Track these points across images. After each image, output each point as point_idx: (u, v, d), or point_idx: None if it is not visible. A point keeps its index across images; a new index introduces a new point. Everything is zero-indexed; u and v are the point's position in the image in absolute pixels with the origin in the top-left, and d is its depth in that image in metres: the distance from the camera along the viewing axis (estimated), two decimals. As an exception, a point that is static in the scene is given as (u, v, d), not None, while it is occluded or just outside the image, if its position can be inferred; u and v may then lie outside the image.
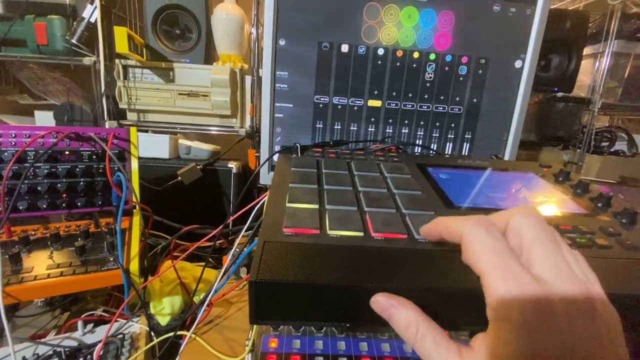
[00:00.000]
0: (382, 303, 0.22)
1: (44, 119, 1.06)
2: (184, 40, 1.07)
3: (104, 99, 0.97)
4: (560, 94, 1.11)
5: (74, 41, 0.95)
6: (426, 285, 0.25)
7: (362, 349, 0.40)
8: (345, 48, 0.57)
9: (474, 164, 0.47)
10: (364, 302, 0.24)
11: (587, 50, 1.22)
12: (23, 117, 1.13)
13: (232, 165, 0.95)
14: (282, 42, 0.55)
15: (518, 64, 0.60)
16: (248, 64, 1.07)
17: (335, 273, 0.24)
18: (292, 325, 0.42)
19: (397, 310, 0.22)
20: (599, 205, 0.38)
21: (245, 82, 1.03)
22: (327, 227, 0.29)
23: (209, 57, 1.09)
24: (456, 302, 0.25)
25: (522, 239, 0.21)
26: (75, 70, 1.06)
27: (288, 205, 0.32)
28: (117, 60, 0.98)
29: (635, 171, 1.13)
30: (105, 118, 0.99)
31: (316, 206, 0.32)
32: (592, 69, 1.18)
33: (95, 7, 0.93)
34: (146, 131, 1.03)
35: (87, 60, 1.01)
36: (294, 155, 0.45)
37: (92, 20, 0.95)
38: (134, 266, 0.53)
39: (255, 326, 0.42)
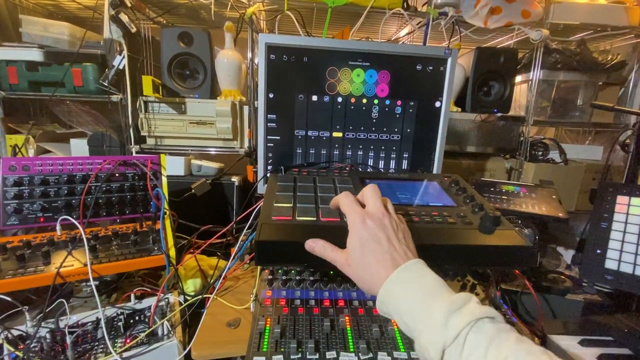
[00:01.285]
0: (309, 243, 0.47)
1: (79, 145, 1.30)
2: (193, 80, 1.32)
3: (130, 129, 1.21)
4: (499, 114, 1.37)
5: (106, 84, 1.20)
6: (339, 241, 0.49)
7: (325, 295, 0.64)
8: (314, 98, 0.82)
9: (397, 176, 0.72)
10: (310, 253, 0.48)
11: (522, 77, 1.49)
12: (60, 144, 1.36)
13: (235, 180, 1.19)
14: (270, 95, 0.80)
15: (437, 104, 0.85)
16: (245, 97, 1.32)
17: (298, 237, 0.48)
18: (280, 283, 0.66)
19: (315, 244, 0.46)
20: (467, 201, 0.63)
21: (244, 111, 1.27)
22: (296, 215, 0.53)
23: (214, 92, 1.34)
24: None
25: (363, 197, 0.46)
26: (103, 105, 1.30)
27: (275, 204, 0.56)
28: (140, 98, 1.22)
29: (563, 175, 1.39)
30: (132, 144, 1.22)
31: (290, 204, 0.56)
32: (527, 92, 1.44)
33: (124, 57, 1.18)
34: (163, 154, 1.27)
35: (115, 97, 1.25)
36: (280, 174, 0.69)
37: (121, 67, 1.19)
38: (172, 253, 0.76)
39: (255, 286, 0.66)
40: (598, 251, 0.79)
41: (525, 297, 0.83)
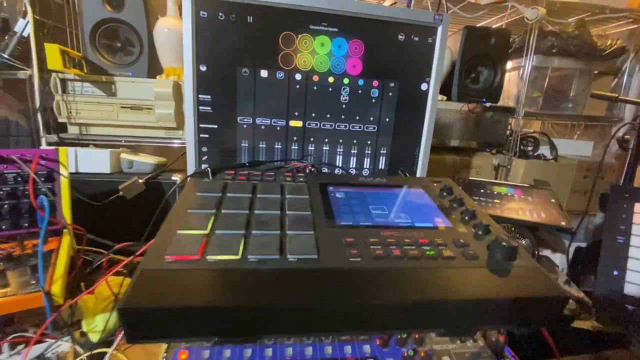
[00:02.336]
0: None
1: (-23, 133, 1.03)
2: (125, 54, 1.07)
3: (39, 114, 0.95)
4: (488, 104, 1.22)
5: (5, 55, 0.93)
6: (287, 303, 0.29)
7: (267, 354, 0.45)
8: (264, 73, 0.61)
9: (371, 182, 0.53)
10: (224, 320, 0.28)
11: (513, 64, 1.34)
12: (-46, 132, 1.08)
13: (177, 178, 0.96)
14: (202, 68, 0.59)
15: (424, 86, 0.66)
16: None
17: (196, 297, 0.28)
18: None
19: None
20: (466, 218, 0.45)
21: (190, 95, 1.04)
22: (207, 252, 0.33)
23: (154, 70, 1.09)
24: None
25: None
26: (10, 84, 1.03)
27: (178, 232, 0.36)
28: (53, 74, 0.96)
29: (554, 172, 1.26)
30: (42, 133, 0.97)
31: (205, 232, 0.36)
32: (518, 81, 1.29)
33: (28, 22, 0.92)
34: (87, 145, 1.02)
35: (22, 74, 0.98)
36: (204, 180, 0.48)
37: (25, 34, 0.93)
38: (57, 288, 0.54)
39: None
40: (615, 272, 0.64)
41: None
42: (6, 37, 0.94)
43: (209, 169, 0.49)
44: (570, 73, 1.30)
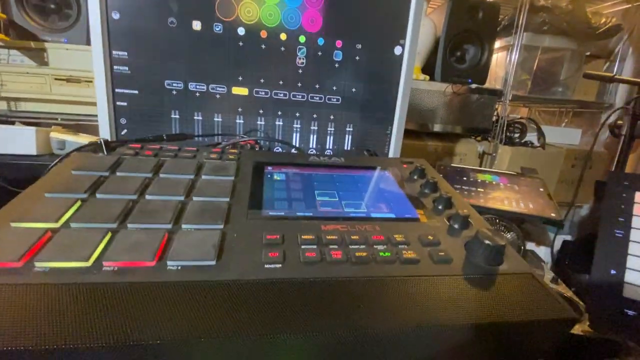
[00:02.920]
0: None
1: None
2: (60, 18, 0.91)
3: (-51, 84, 0.80)
4: (474, 86, 1.12)
5: None
6: (135, 339, 0.18)
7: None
8: (197, 26, 0.48)
9: (326, 162, 0.42)
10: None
11: (501, 43, 1.24)
12: None
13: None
14: (115, 16, 0.46)
15: (397, 50, 0.55)
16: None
17: (8, 336, 0.17)
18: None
19: None
20: (439, 207, 0.35)
21: (137, 67, 0.90)
22: (40, 257, 0.21)
23: (95, 36, 0.94)
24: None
25: None
26: None
27: (12, 224, 0.24)
28: (-30, 38, 0.81)
29: (541, 160, 1.18)
30: (-45, 107, 0.82)
31: (53, 225, 0.24)
32: (506, 62, 1.20)
33: None
34: (13, 123, 0.87)
35: None
36: (99, 154, 0.36)
37: None
38: None
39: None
40: (612, 272, 0.55)
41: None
42: None
43: (102, 140, 0.37)
44: (561, 55, 1.20)
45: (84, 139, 0.86)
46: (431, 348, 0.22)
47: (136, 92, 0.49)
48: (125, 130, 0.50)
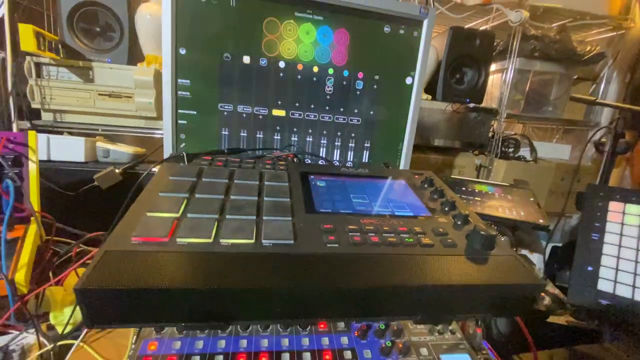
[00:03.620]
0: None
1: (-59, 117, 0.97)
2: (105, 39, 1.03)
3: (11, 99, 0.91)
4: (472, 105, 1.23)
5: (-26, 35, 0.88)
6: (261, 286, 0.28)
7: (241, 345, 0.43)
8: (247, 59, 0.59)
9: (354, 172, 0.52)
10: (194, 303, 0.27)
11: (496, 66, 1.37)
12: None
13: (156, 169, 0.93)
14: (182, 51, 0.57)
15: (408, 80, 0.66)
16: (175, 66, 1.05)
17: (162, 279, 0.27)
18: (176, 328, 0.44)
19: None
20: (446, 209, 0.45)
21: (172, 85, 1.01)
22: (177, 235, 0.31)
23: (135, 57, 1.06)
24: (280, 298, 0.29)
25: None
26: (-21, 66, 0.97)
27: (147, 214, 0.34)
28: (28, 58, 0.92)
29: (533, 174, 1.29)
30: (13, 118, 0.92)
31: (176, 214, 0.34)
32: (501, 83, 1.32)
33: (2, 2, 0.87)
34: (61, 133, 0.98)
35: (-7, 56, 0.93)
36: (180, 164, 0.46)
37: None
38: (21, 276, 0.51)
39: (136, 330, 0.44)
40: (589, 268, 0.65)
41: (500, 321, 0.68)
42: (-24, 16, 0.89)
43: (184, 153, 0.47)
44: (550, 77, 1.33)
45: (123, 148, 0.97)
46: (441, 300, 0.32)
47: (194, 112, 0.60)
48: (183, 144, 0.61)
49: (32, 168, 0.64)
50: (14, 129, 0.94)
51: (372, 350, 0.45)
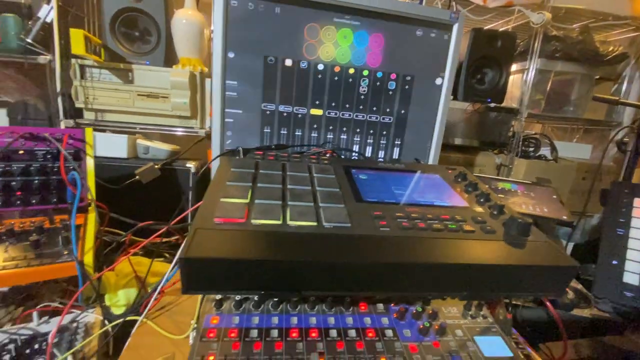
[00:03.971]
0: None
1: (-4, 116, 1.05)
2: (143, 43, 1.09)
3: (59, 98, 0.98)
4: (492, 105, 1.25)
5: (29, 40, 0.95)
6: (327, 261, 0.32)
7: (292, 322, 0.48)
8: (288, 62, 0.64)
9: (391, 166, 0.56)
10: (273, 274, 0.31)
11: (517, 66, 1.38)
12: (-27, 114, 1.10)
13: (191, 165, 0.99)
14: (231, 55, 0.62)
15: (438, 81, 0.70)
16: (208, 68, 1.11)
17: (249, 251, 0.31)
18: (233, 305, 0.49)
19: None
20: (481, 200, 0.48)
21: (205, 85, 1.07)
22: (252, 217, 0.36)
23: (170, 59, 1.12)
24: (345, 272, 0.33)
25: None
26: (30, 69, 1.05)
27: (222, 200, 0.38)
28: (73, 60, 0.98)
29: (554, 173, 1.30)
30: (61, 117, 0.99)
31: (246, 200, 0.39)
32: (521, 83, 1.33)
33: (52, 7, 0.94)
34: (104, 131, 1.04)
35: (42, 59, 1.01)
36: (236, 157, 0.51)
37: (48, 20, 0.95)
38: (88, 259, 0.57)
39: (199, 307, 0.48)
40: (614, 262, 0.67)
41: (527, 311, 0.71)
42: (29, 22, 0.96)
43: (240, 148, 0.52)
44: (572, 77, 1.34)
45: (161, 146, 1.03)
46: (485, 278, 0.36)
47: (240, 111, 0.64)
48: (229, 141, 0.65)
49: (89, 161, 0.70)
50: (61, 127, 1.01)
51: (411, 330, 0.49)
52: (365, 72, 0.67)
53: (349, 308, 0.50)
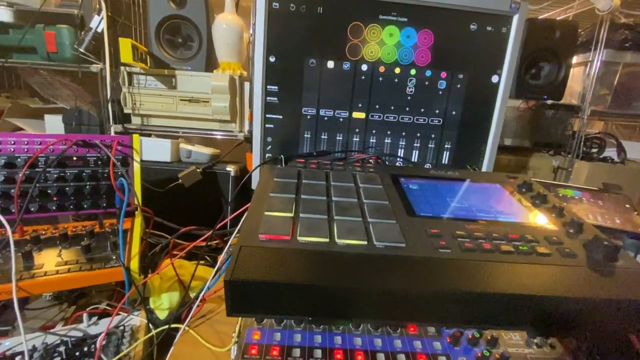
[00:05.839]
0: None
1: (54, 122, 1.12)
2: (185, 49, 1.12)
3: (109, 105, 1.02)
4: (549, 102, 1.14)
5: (82, 49, 1.00)
6: (380, 288, 0.29)
7: (336, 342, 0.45)
8: (330, 64, 0.61)
9: (443, 175, 0.51)
10: (322, 299, 0.28)
11: (578, 59, 1.25)
12: (34, 120, 1.19)
13: (231, 169, 1.00)
14: (272, 59, 0.60)
15: (495, 79, 0.63)
16: (247, 71, 1.11)
17: (297, 275, 0.29)
18: (275, 320, 0.47)
19: None
20: (553, 215, 0.42)
21: (245, 89, 1.07)
22: (298, 234, 0.33)
23: (210, 64, 1.13)
24: (408, 300, 0.29)
25: None
26: (83, 77, 1.11)
27: (266, 213, 0.36)
28: (122, 68, 1.03)
29: (622, 177, 1.16)
30: (111, 123, 1.04)
31: (290, 214, 0.36)
32: (583, 77, 1.20)
33: (102, 18, 0.98)
34: (149, 135, 1.08)
35: (94, 68, 1.06)
36: (278, 166, 0.49)
37: (99, 30, 1.00)
38: (134, 264, 0.58)
39: (240, 320, 0.47)
40: None
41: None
42: (82, 33, 1.01)
43: (282, 157, 0.50)
44: (644, 69, 1.18)
45: (203, 150, 1.04)
46: (565, 313, 0.31)
47: (280, 117, 0.63)
48: (270, 147, 0.64)
49: (136, 167, 0.71)
50: (112, 133, 1.06)
51: (467, 357, 0.44)
52: (413, 71, 0.62)
53: (397, 329, 0.46)
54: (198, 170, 0.96)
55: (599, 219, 0.78)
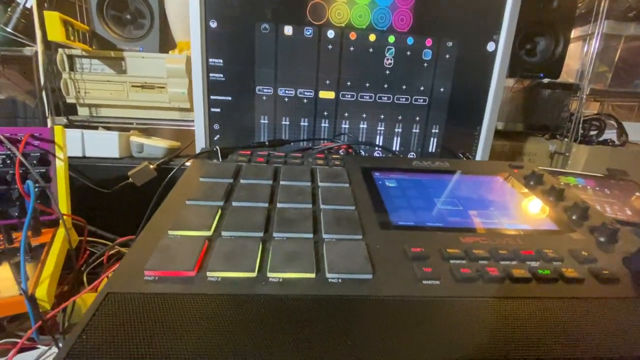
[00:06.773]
0: None
1: (-14, 115, 0.97)
2: (135, 27, 0.97)
3: (44, 94, 0.88)
4: (546, 80, 1.04)
5: (9, 29, 0.85)
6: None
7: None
8: (288, 30, 0.49)
9: (430, 167, 0.40)
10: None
11: (575, 33, 1.14)
12: (-36, 114, 1.03)
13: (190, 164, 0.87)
14: (213, 24, 0.47)
15: (490, 47, 0.52)
16: (209, 52, 0.98)
17: (186, 347, 0.17)
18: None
19: None
20: (574, 217, 0.32)
21: (205, 72, 0.94)
22: (208, 267, 0.22)
23: (166, 44, 0.99)
24: None
25: None
26: (17, 62, 0.96)
27: (170, 232, 0.24)
28: (60, 50, 0.88)
29: (624, 161, 1.07)
30: (47, 114, 0.90)
31: (207, 233, 0.25)
32: (581, 53, 1.10)
33: (30, -10, 0.83)
34: (96, 128, 0.94)
35: (28, 51, 0.91)
36: (214, 161, 0.37)
37: (28, 5, 0.85)
38: (43, 291, 0.45)
39: None
40: None
41: None
42: (9, 10, 0.86)
43: (218, 147, 0.38)
44: (646, 43, 1.09)
45: (157, 143, 0.91)
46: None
47: (229, 98, 0.50)
48: (218, 136, 0.52)
49: (60, 166, 0.58)
50: (49, 126, 0.91)
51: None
52: (391, 39, 0.50)
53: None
54: (151, 166, 0.82)
55: (608, 210, 0.68)
